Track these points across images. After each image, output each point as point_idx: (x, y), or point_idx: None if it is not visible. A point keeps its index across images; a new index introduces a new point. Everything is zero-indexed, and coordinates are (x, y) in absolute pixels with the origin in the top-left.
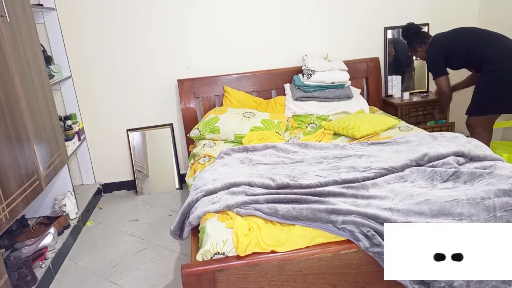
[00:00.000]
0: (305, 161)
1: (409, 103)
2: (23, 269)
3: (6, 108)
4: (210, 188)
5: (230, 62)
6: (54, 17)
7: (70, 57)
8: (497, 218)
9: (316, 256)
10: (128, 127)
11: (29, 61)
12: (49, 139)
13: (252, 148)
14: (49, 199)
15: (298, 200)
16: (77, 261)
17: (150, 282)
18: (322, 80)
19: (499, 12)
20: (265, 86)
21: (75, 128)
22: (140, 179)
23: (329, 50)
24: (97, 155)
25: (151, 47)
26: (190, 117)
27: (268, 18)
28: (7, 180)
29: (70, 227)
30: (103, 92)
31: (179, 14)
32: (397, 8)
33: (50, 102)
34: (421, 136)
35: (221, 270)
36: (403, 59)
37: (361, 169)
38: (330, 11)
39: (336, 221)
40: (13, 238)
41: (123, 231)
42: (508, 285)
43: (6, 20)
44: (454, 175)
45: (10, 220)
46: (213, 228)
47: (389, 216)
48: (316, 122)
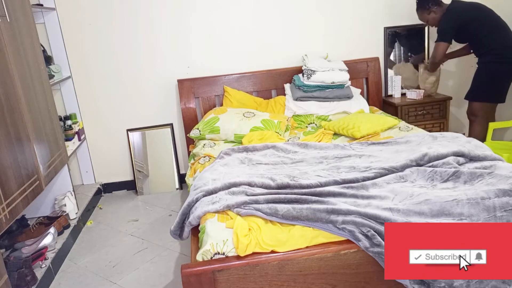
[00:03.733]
0: (305, 161)
1: (409, 103)
2: (23, 269)
3: (6, 108)
4: (210, 188)
5: (230, 62)
6: (54, 17)
7: (70, 57)
8: (497, 218)
9: (316, 256)
10: (128, 127)
11: (29, 61)
12: (49, 139)
13: (252, 148)
14: (49, 199)
15: (298, 200)
16: (77, 261)
17: (150, 282)
18: (322, 80)
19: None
20: (265, 86)
21: (75, 128)
22: (140, 179)
23: (329, 50)
24: (97, 155)
25: (151, 47)
26: (190, 117)
27: (268, 18)
28: (7, 180)
29: (70, 227)
30: (103, 92)
31: (179, 14)
32: (397, 8)
33: (50, 102)
34: (421, 136)
35: (221, 270)
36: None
37: (361, 169)
38: (330, 11)
39: (336, 221)
40: (13, 238)
41: (123, 231)
42: (508, 285)
43: (6, 20)
44: (454, 175)
45: (10, 220)
46: (213, 228)
47: (389, 216)
48: (316, 122)
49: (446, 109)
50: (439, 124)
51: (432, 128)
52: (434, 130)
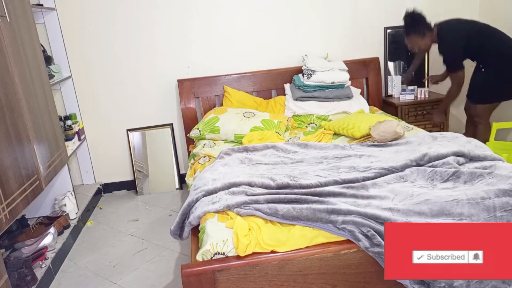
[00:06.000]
0: (305, 161)
1: (409, 103)
2: (23, 269)
3: (6, 108)
4: (210, 188)
5: (230, 62)
6: (54, 17)
7: (70, 57)
8: (497, 218)
9: (316, 256)
10: (128, 127)
11: (29, 61)
12: (49, 139)
13: (252, 148)
14: (49, 199)
15: (298, 200)
16: (77, 261)
17: (150, 282)
18: (322, 80)
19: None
20: (265, 86)
21: (75, 128)
22: (140, 179)
23: (329, 50)
24: (97, 155)
25: (151, 47)
26: (190, 117)
27: (268, 18)
28: (7, 180)
29: (70, 227)
30: (103, 92)
31: (179, 14)
32: (397, 8)
33: (50, 102)
34: (421, 136)
35: (221, 270)
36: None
37: (361, 169)
38: (330, 11)
39: (336, 221)
40: (13, 238)
41: (123, 231)
42: (508, 285)
43: (6, 20)
44: (454, 175)
45: (10, 220)
46: (213, 228)
47: (389, 216)
48: (316, 122)
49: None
50: (439, 124)
51: (432, 128)
52: (434, 130)
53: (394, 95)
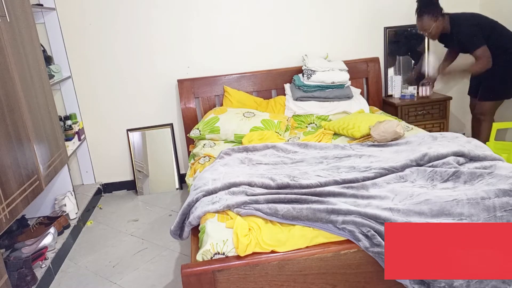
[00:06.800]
0: (305, 161)
1: (409, 103)
2: (23, 269)
3: (6, 108)
4: (210, 188)
5: (230, 62)
6: (54, 17)
7: (70, 57)
8: (497, 218)
9: (316, 256)
10: (128, 127)
11: (29, 61)
12: (49, 139)
13: (252, 148)
14: (49, 199)
15: (298, 200)
16: (77, 261)
17: (150, 282)
18: (322, 80)
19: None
20: (265, 86)
21: (75, 128)
22: (140, 179)
23: (329, 50)
24: (97, 155)
25: (151, 47)
26: (190, 117)
27: (268, 18)
28: (7, 180)
29: (70, 227)
30: (103, 92)
31: (179, 14)
32: (397, 8)
33: (50, 102)
34: (421, 136)
35: (221, 270)
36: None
37: (361, 169)
38: (330, 11)
39: (336, 221)
40: (13, 238)
41: (123, 231)
42: (508, 285)
43: (6, 20)
44: (454, 175)
45: (10, 220)
46: (213, 228)
47: (389, 216)
48: (316, 122)
49: (446, 109)
50: (439, 124)
51: (432, 128)
52: (434, 130)
53: (394, 95)
